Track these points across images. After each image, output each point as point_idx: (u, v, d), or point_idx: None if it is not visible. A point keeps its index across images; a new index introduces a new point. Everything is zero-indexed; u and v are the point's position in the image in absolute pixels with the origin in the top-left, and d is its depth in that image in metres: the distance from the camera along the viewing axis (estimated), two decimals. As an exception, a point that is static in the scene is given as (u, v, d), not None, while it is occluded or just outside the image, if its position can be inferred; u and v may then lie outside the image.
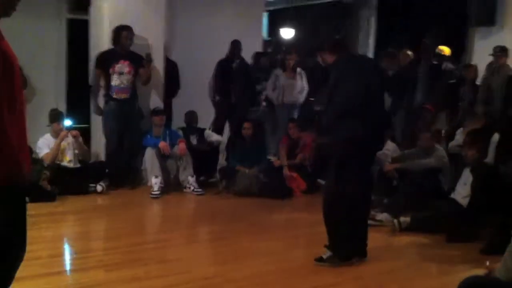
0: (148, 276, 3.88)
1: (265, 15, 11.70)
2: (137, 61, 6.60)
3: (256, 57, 8.92)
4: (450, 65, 7.89)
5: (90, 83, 6.91)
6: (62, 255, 4.52)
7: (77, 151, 6.55)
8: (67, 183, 6.17)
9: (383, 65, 8.02)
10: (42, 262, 4.08)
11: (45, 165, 6.19)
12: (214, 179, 7.16)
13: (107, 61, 6.56)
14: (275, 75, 8.24)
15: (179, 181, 6.72)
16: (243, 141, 6.96)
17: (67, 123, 6.48)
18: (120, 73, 6.54)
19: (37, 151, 6.37)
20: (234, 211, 5.97)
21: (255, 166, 6.72)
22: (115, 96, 6.57)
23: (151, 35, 6.95)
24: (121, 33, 6.48)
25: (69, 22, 8.92)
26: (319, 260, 4.17)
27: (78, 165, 6.56)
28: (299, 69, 8.31)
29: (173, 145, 6.69)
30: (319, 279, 3.90)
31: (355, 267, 4.15)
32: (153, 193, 6.32)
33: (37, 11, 8.38)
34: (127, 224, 5.29)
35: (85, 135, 7.13)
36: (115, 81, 6.55)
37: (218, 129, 8.22)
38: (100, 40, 6.88)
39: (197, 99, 8.25)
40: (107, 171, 6.60)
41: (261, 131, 8.19)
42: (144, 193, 6.46)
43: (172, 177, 6.80)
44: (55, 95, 8.86)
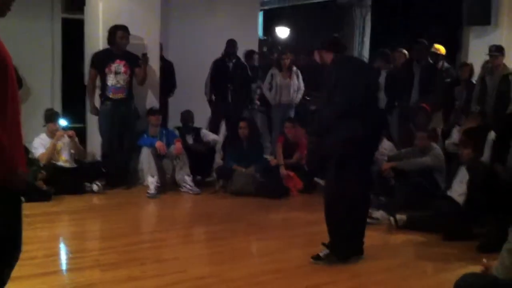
0: (144, 275, 3.87)
1: (260, 14, 11.70)
2: (133, 61, 6.59)
3: (247, 55, 8.90)
4: (445, 64, 7.90)
5: (85, 83, 6.89)
6: (57, 255, 4.50)
7: (73, 151, 6.54)
8: (63, 182, 6.15)
9: (377, 65, 8.06)
10: (37, 262, 4.06)
11: (41, 165, 6.17)
12: (210, 179, 7.15)
13: (103, 61, 6.54)
14: (271, 75, 8.24)
15: (176, 180, 6.71)
16: (240, 141, 6.95)
17: (63, 123, 6.47)
18: (116, 73, 6.52)
19: (33, 151, 6.36)
20: (230, 211, 5.96)
21: (252, 165, 6.71)
22: (111, 96, 6.56)
23: (146, 34, 6.94)
24: (117, 33, 6.46)
25: (64, 21, 8.90)
26: (316, 258, 4.17)
27: (74, 165, 6.54)
28: (294, 69, 8.32)
29: (169, 144, 6.67)
30: (316, 278, 3.90)
31: (352, 266, 4.15)
32: (149, 192, 6.31)
33: (32, 11, 8.36)
34: (123, 223, 5.27)
35: (81, 135, 7.11)
36: (111, 81, 6.54)
37: (214, 129, 8.22)
38: (95, 39, 6.86)
39: (193, 98, 8.25)
40: (103, 170, 6.57)
41: (258, 130, 8.18)
42: (140, 192, 6.45)
43: (168, 176, 6.78)
44: (51, 95, 8.84)
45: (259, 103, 8.94)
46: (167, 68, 7.84)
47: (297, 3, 12.76)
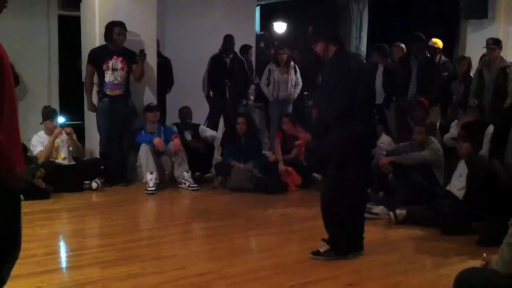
0: (143, 272, 3.86)
1: (258, 9, 11.67)
2: (130, 57, 6.57)
3: (242, 50, 8.88)
4: (443, 58, 7.90)
5: (83, 80, 6.87)
6: (57, 252, 4.50)
7: (71, 148, 6.53)
8: (62, 180, 6.15)
9: (374, 59, 8.06)
10: (37, 260, 4.06)
11: (40, 163, 6.16)
12: (209, 175, 7.15)
13: (100, 58, 6.53)
14: (269, 70, 8.22)
15: (174, 177, 6.71)
16: (238, 137, 6.94)
17: (61, 120, 6.46)
18: (113, 70, 6.51)
19: (31, 149, 6.37)
20: (229, 207, 5.95)
21: (250, 161, 6.71)
22: (108, 92, 6.54)
23: (143, 31, 6.92)
24: (114, 29, 6.44)
25: (61, 18, 8.89)
26: (316, 253, 4.17)
27: (72, 162, 6.54)
28: (292, 64, 8.30)
29: (167, 141, 6.66)
30: (315, 274, 3.90)
31: (351, 261, 4.15)
32: (148, 189, 6.30)
33: (28, 8, 8.36)
34: (122, 220, 5.27)
35: (79, 132, 7.11)
36: (108, 77, 6.52)
37: (212, 125, 8.21)
38: (92, 36, 6.84)
39: (191, 94, 8.25)
40: (102, 168, 6.57)
41: (255, 126, 8.17)
42: (139, 189, 6.45)
43: (167, 173, 6.78)
44: (48, 92, 8.85)
45: (253, 98, 8.92)
46: (164, 64, 7.82)
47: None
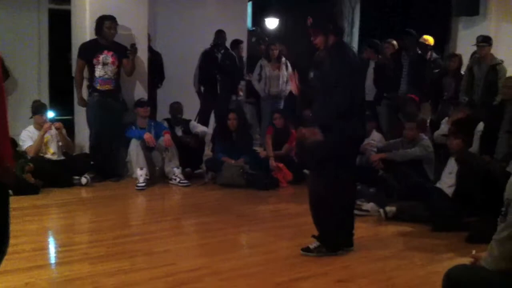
0: (133, 268, 3.85)
1: (249, 5, 11.63)
2: (121, 52, 6.53)
3: (233, 44, 8.84)
4: (434, 55, 7.92)
5: (73, 74, 6.82)
6: (46, 248, 4.47)
7: (60, 143, 6.48)
8: (51, 175, 6.10)
9: (366, 55, 8.07)
10: (25, 255, 4.04)
11: (29, 158, 6.12)
12: (200, 171, 7.13)
13: (91, 52, 6.48)
14: (260, 66, 8.20)
15: (165, 173, 6.68)
16: (229, 132, 6.92)
17: (50, 115, 6.42)
18: (104, 64, 6.46)
19: (20, 143, 6.32)
20: (220, 203, 5.94)
21: (241, 157, 6.69)
22: (98, 87, 6.49)
23: (134, 25, 6.87)
24: (104, 23, 6.39)
25: (51, 12, 8.82)
26: (306, 250, 4.18)
27: (62, 158, 6.49)
28: (283, 59, 8.29)
29: (158, 136, 6.63)
30: (306, 270, 3.90)
31: (342, 257, 4.16)
32: (138, 185, 6.28)
33: (18, 2, 8.30)
34: (112, 216, 5.25)
35: (69, 126, 7.06)
36: (99, 72, 6.47)
37: (203, 120, 8.19)
38: (82, 30, 6.79)
39: (182, 90, 8.21)
40: (92, 163, 6.53)
41: (247, 122, 8.15)
42: (129, 185, 6.42)
43: (157, 169, 6.76)
44: (38, 86, 8.79)
45: (242, 94, 8.89)
46: (155, 59, 7.78)
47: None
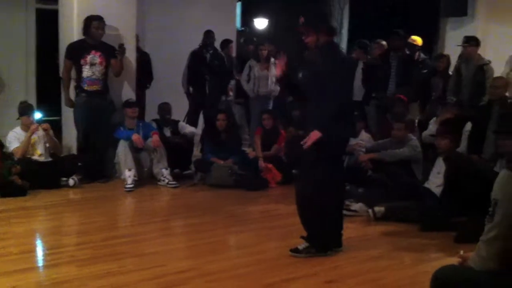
0: (121, 270, 3.82)
1: (238, 5, 11.63)
2: (109, 52, 6.48)
3: (222, 44, 8.83)
4: (422, 55, 7.95)
5: (60, 75, 6.77)
6: (33, 251, 4.43)
7: (48, 145, 6.43)
8: (39, 177, 6.05)
9: (355, 56, 8.08)
10: (12, 258, 4.01)
11: (16, 159, 6.07)
12: (189, 172, 7.10)
13: (78, 52, 6.43)
14: (249, 66, 8.19)
15: (153, 174, 6.65)
16: (217, 133, 6.90)
17: (37, 116, 6.37)
18: (91, 64, 6.41)
19: (7, 145, 6.27)
20: (209, 204, 5.92)
21: (230, 158, 6.68)
22: (86, 87, 6.45)
23: (122, 25, 6.83)
24: (92, 23, 6.34)
25: (38, 12, 8.77)
26: (295, 251, 4.17)
27: (49, 159, 6.44)
28: (272, 59, 8.28)
29: (146, 137, 6.59)
30: (295, 271, 3.90)
31: (331, 258, 4.15)
32: (126, 186, 6.24)
33: (5, 1, 8.23)
34: (100, 218, 5.21)
35: (57, 127, 7.01)
36: (86, 72, 6.43)
37: (192, 121, 8.17)
38: (70, 30, 6.74)
39: (171, 90, 8.19)
40: (80, 164, 6.49)
41: (236, 122, 8.15)
42: (117, 186, 6.38)
43: (146, 170, 6.72)
44: (25, 87, 8.73)
45: (232, 94, 8.87)
46: (144, 59, 7.75)
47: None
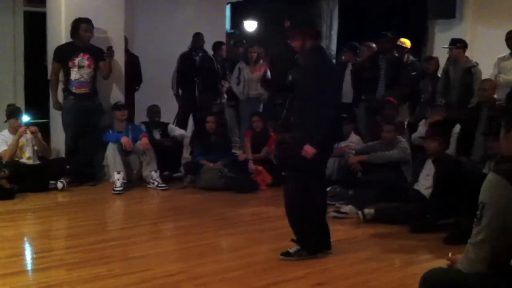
0: (110, 274, 3.80)
1: (228, 8, 11.62)
2: (97, 55, 6.46)
3: (214, 46, 8.82)
4: (411, 58, 7.98)
5: (49, 77, 6.73)
6: (21, 254, 4.39)
7: (36, 148, 6.40)
8: (27, 180, 6.02)
9: (345, 58, 8.10)
10: (1, 262, 3.98)
11: (4, 162, 6.02)
12: (178, 174, 7.07)
13: (66, 55, 6.40)
14: (238, 69, 8.18)
15: (142, 176, 6.62)
16: (207, 135, 6.89)
17: (25, 118, 6.33)
18: (79, 67, 6.38)
19: (-5, 148, 6.21)
20: (199, 206, 5.89)
21: (220, 160, 6.67)
22: (74, 90, 6.41)
23: (110, 27, 6.80)
24: (80, 26, 6.31)
25: (26, 14, 8.72)
26: (286, 254, 4.15)
27: (37, 162, 6.41)
28: (262, 62, 8.28)
29: (135, 140, 6.57)
30: (285, 273, 3.89)
31: (321, 260, 4.15)
32: (115, 189, 6.21)
33: (-8, 3, 8.16)
34: (89, 221, 5.17)
35: (45, 130, 6.97)
36: (74, 75, 6.40)
37: (182, 123, 8.15)
38: (58, 33, 6.71)
39: (160, 93, 8.17)
40: (68, 167, 6.44)
41: (226, 124, 8.14)
42: (106, 189, 6.34)
43: (135, 172, 6.69)
44: (13, 89, 8.68)
45: (226, 97, 8.86)
46: (133, 62, 7.73)
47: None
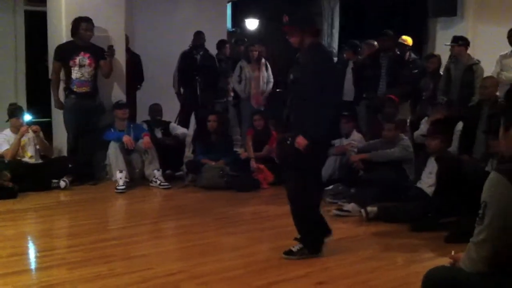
0: (111, 273, 3.79)
1: (229, 6, 11.62)
2: (98, 53, 6.46)
3: (218, 45, 8.82)
4: (413, 55, 7.96)
5: (50, 77, 6.73)
6: (23, 253, 4.39)
7: (38, 147, 6.40)
8: (29, 179, 6.02)
9: (346, 56, 8.09)
10: (2, 261, 3.98)
11: (6, 162, 6.02)
12: (180, 173, 7.07)
13: (67, 54, 6.40)
14: (240, 67, 8.18)
15: (145, 175, 6.63)
16: (209, 134, 6.89)
17: (27, 117, 6.33)
18: (80, 66, 6.38)
19: (-3, 147, 6.22)
20: (200, 205, 5.89)
21: (221, 159, 6.66)
22: (75, 89, 6.41)
23: (111, 26, 6.80)
24: (81, 25, 6.31)
25: (27, 14, 8.72)
26: (288, 253, 4.14)
27: (39, 161, 6.42)
28: (263, 60, 8.28)
29: (137, 139, 6.57)
30: (286, 272, 3.88)
31: (322, 259, 4.14)
32: (118, 188, 6.21)
33: (-8, 3, 8.17)
34: (91, 220, 5.17)
35: (47, 129, 6.97)
36: (75, 74, 6.39)
37: (184, 122, 8.15)
38: (58, 32, 6.71)
39: (162, 91, 8.17)
40: (70, 166, 6.45)
41: (228, 123, 8.14)
42: (108, 188, 6.35)
43: (137, 171, 6.69)
44: (15, 89, 8.68)
45: (233, 95, 8.86)
46: (134, 61, 7.72)
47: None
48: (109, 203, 6.02)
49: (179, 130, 7.30)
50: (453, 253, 2.59)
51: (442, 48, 7.86)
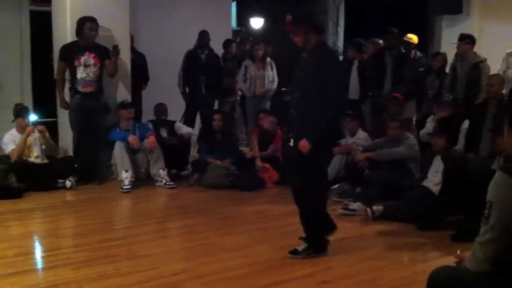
0: (117, 273, 3.80)
1: (234, 5, 11.61)
2: (103, 53, 6.46)
3: (225, 44, 8.82)
4: (418, 53, 7.93)
5: (55, 77, 6.75)
6: (29, 253, 4.40)
7: (44, 147, 6.42)
8: (35, 179, 6.04)
9: (350, 55, 8.07)
10: (8, 261, 4.00)
11: (12, 161, 6.04)
12: (186, 172, 7.08)
13: (72, 54, 6.41)
14: (245, 66, 8.18)
15: (150, 175, 6.63)
16: (214, 133, 6.89)
17: (33, 118, 6.35)
18: (85, 66, 6.39)
19: (3, 147, 6.26)
20: (206, 204, 5.89)
21: (227, 158, 6.66)
22: (80, 89, 6.42)
23: (115, 26, 6.81)
24: (85, 25, 6.32)
25: (32, 14, 8.74)
26: (294, 252, 4.13)
27: (45, 161, 6.43)
28: (268, 59, 8.27)
29: (142, 138, 6.58)
30: (290, 272, 3.87)
31: (326, 258, 4.13)
32: (124, 187, 6.22)
33: (-2, 3, 8.19)
34: (96, 220, 5.19)
35: (53, 129, 6.99)
36: (80, 74, 6.40)
37: (189, 121, 8.15)
38: (63, 32, 6.72)
39: (167, 91, 8.16)
40: (76, 166, 6.46)
41: (234, 122, 8.14)
42: (114, 188, 6.36)
43: (142, 171, 6.70)
44: (20, 89, 8.70)
45: (241, 93, 8.85)
46: (139, 60, 7.73)
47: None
48: (115, 203, 6.03)
49: (184, 129, 7.30)
50: (458, 252, 2.58)
51: (448, 46, 7.82)
